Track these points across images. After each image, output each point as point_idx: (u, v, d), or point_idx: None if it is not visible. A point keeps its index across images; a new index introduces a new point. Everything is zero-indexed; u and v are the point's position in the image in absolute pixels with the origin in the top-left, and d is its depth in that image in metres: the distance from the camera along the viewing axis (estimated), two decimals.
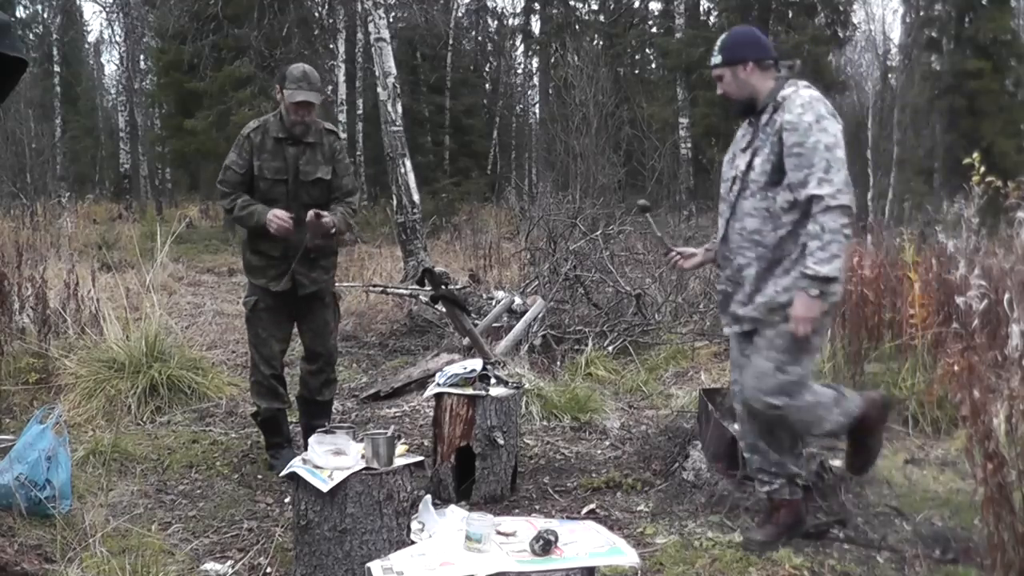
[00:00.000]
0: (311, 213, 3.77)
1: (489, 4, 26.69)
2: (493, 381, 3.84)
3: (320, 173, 3.95)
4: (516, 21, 27.19)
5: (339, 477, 2.76)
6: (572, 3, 24.90)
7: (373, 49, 9.88)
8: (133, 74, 23.05)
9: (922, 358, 4.94)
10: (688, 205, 16.46)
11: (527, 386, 4.85)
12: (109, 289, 6.87)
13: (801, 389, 3.03)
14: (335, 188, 4.02)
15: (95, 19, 49.13)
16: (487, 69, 28.00)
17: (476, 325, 5.87)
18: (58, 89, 25.66)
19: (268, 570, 3.03)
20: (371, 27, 10.01)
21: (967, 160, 4.76)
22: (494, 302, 7.12)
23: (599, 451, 4.48)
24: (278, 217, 3.77)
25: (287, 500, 3.59)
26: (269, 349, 4.02)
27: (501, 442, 3.66)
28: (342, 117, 16.91)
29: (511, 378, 4.07)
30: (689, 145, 18.06)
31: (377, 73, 9.72)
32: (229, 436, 4.61)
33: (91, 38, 32.95)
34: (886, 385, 4.95)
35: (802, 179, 2.91)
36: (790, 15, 17.59)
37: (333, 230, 3.87)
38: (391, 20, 17.52)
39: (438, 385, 3.79)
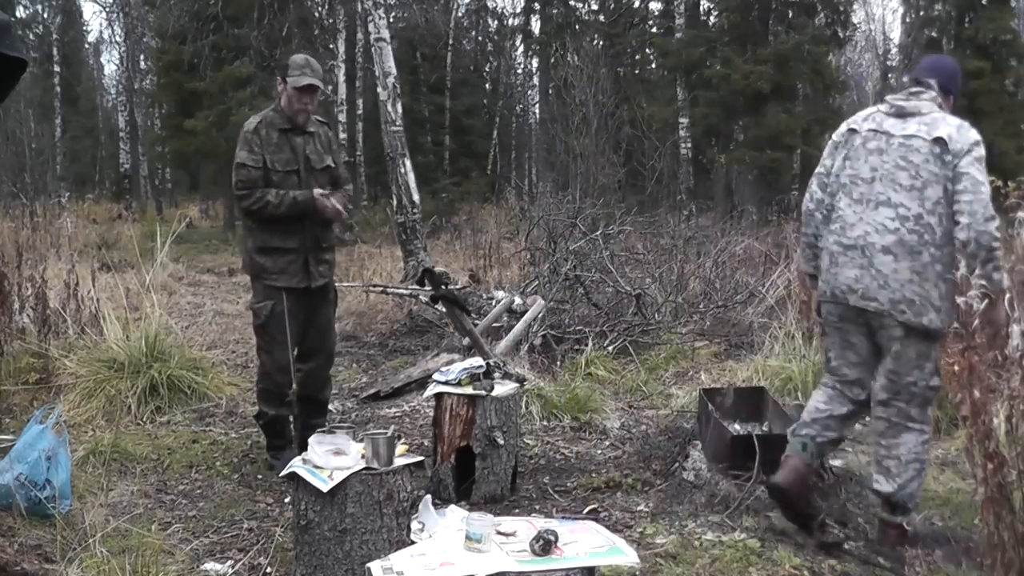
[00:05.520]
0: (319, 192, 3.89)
1: (489, 4, 26.67)
2: (498, 376, 3.85)
3: (327, 161, 4.04)
4: (516, 21, 27.18)
5: (339, 477, 2.76)
6: (572, 3, 24.86)
7: (373, 49, 9.88)
8: (133, 74, 23.05)
9: None
10: (688, 205, 16.44)
11: (527, 386, 4.85)
12: (109, 289, 6.86)
13: None
14: (333, 177, 4.10)
15: (95, 19, 49.31)
16: (487, 69, 27.96)
17: (476, 325, 5.86)
18: (58, 89, 25.68)
19: (268, 570, 3.03)
20: (371, 27, 10.00)
21: None
22: (494, 302, 7.11)
23: (599, 451, 4.47)
24: (325, 195, 3.86)
25: (287, 500, 3.59)
26: (285, 355, 3.94)
27: (501, 442, 3.66)
28: (342, 117, 16.88)
29: (515, 372, 4.06)
30: (689, 145, 18.03)
31: (377, 73, 9.71)
32: (229, 436, 4.61)
33: (91, 38, 33.00)
34: None
35: None
36: (790, 15, 17.53)
37: (343, 212, 4.03)
38: (391, 20, 17.50)
39: (438, 383, 3.78)
